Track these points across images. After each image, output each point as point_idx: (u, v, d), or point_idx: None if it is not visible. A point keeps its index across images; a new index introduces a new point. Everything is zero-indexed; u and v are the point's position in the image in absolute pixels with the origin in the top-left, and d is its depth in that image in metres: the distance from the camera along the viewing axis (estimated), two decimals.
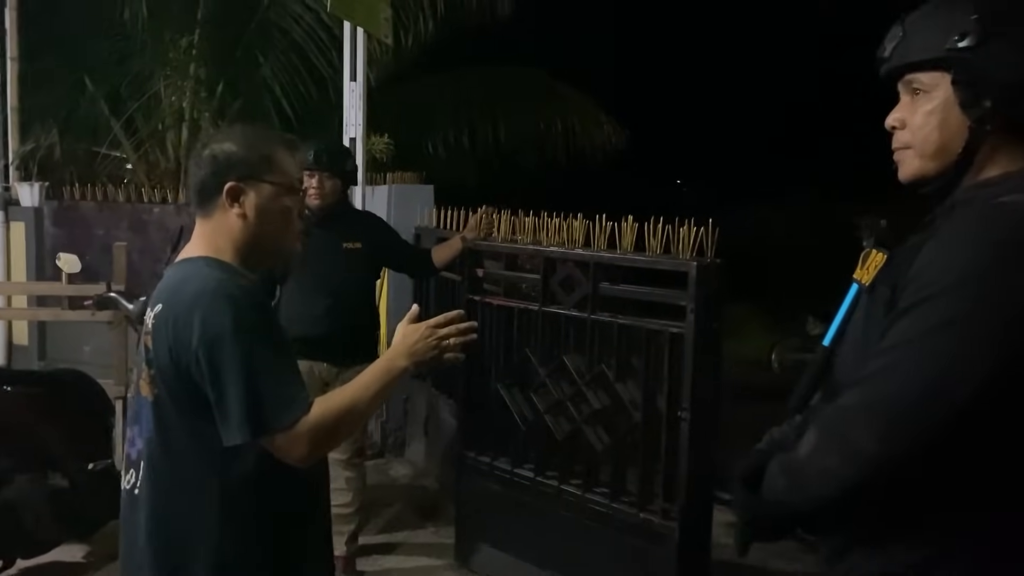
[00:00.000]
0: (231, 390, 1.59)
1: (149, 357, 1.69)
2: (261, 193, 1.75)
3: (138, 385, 1.74)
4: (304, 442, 1.62)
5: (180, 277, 1.72)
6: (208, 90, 7.18)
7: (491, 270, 3.89)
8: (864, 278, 1.49)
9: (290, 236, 1.83)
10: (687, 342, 3.06)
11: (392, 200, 5.38)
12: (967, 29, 1.33)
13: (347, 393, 1.70)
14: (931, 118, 1.39)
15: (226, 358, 1.59)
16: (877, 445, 1.27)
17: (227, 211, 1.75)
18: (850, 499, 1.35)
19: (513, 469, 3.68)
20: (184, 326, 1.62)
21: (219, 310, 1.62)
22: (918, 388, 1.25)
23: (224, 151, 1.76)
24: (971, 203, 1.35)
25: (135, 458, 1.75)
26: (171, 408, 1.67)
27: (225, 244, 1.76)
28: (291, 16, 7.26)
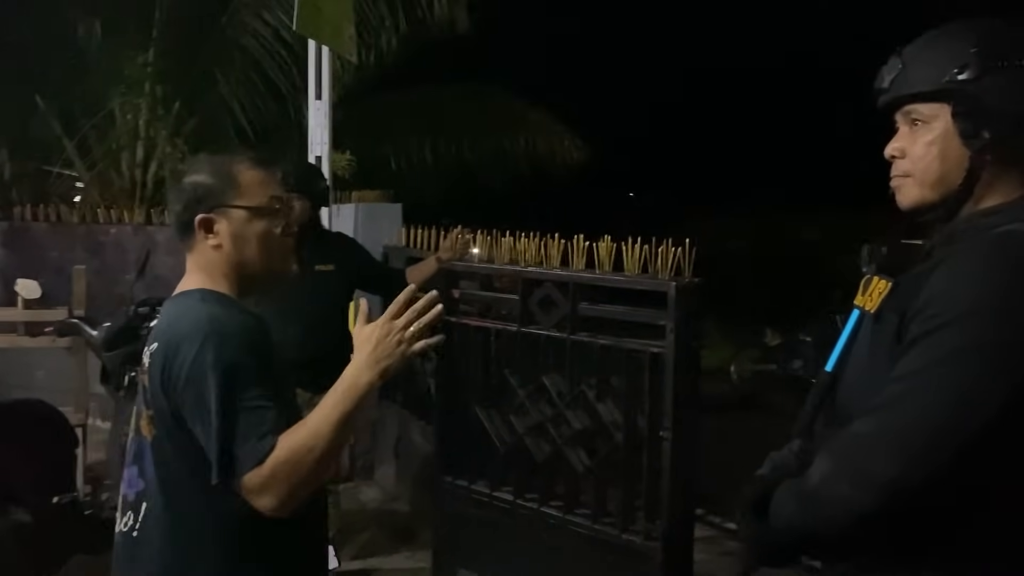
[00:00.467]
0: (208, 431, 1.55)
1: (147, 397, 1.66)
2: (232, 220, 1.71)
3: (138, 424, 1.71)
4: (265, 487, 1.52)
5: (175, 314, 1.69)
6: (165, 108, 7.06)
7: (467, 290, 3.86)
8: (868, 305, 1.50)
9: (276, 258, 1.77)
10: (667, 361, 3.07)
11: (359, 219, 5.33)
12: (967, 61, 1.35)
13: (306, 426, 1.54)
14: (931, 148, 1.41)
15: (206, 399, 1.56)
16: (894, 473, 1.28)
17: (205, 243, 1.72)
18: (864, 526, 1.35)
19: (492, 492, 3.64)
20: (173, 366, 1.60)
21: (205, 349, 1.58)
22: (934, 416, 1.26)
23: (191, 183, 1.73)
24: (973, 232, 1.37)
25: (133, 499, 1.70)
26: (170, 448, 1.64)
27: (215, 274, 1.73)
28: (249, 33, 7.17)
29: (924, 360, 1.28)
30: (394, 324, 1.58)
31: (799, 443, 1.60)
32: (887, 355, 1.37)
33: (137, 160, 7.08)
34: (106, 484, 4.17)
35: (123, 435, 3.87)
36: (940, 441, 1.26)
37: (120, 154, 7.12)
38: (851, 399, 1.48)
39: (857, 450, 1.33)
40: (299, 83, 7.12)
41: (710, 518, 4.49)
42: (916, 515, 1.31)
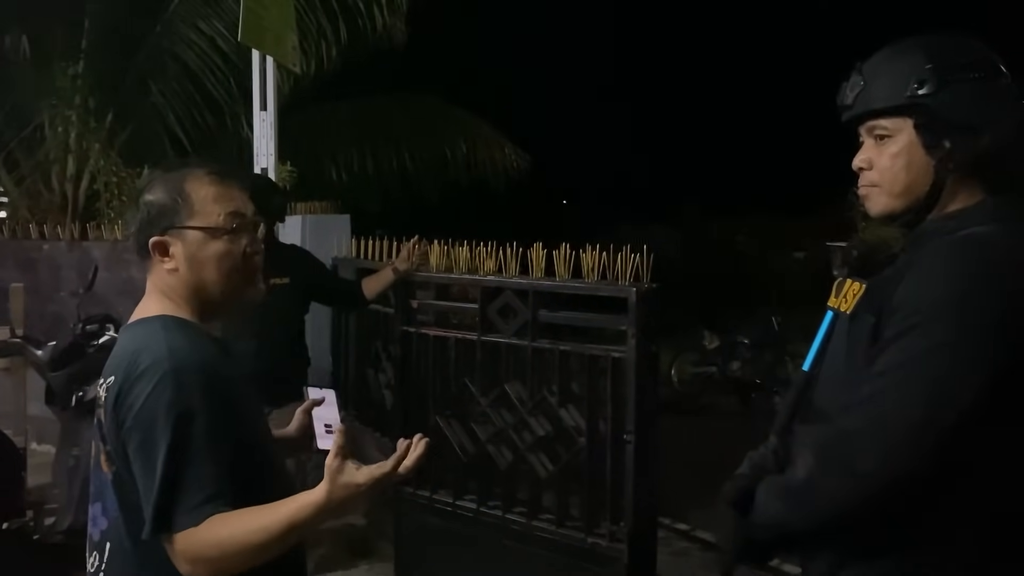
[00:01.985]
0: (149, 480, 1.46)
1: (103, 432, 1.56)
2: (187, 241, 1.59)
3: (98, 460, 1.60)
4: (185, 560, 1.45)
5: (134, 346, 1.56)
6: (96, 120, 6.85)
7: (423, 300, 3.86)
8: (843, 306, 1.57)
9: (238, 281, 1.64)
10: (629, 366, 3.13)
11: (307, 231, 5.26)
12: (924, 77, 1.44)
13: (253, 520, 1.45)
14: (897, 160, 1.50)
15: (152, 444, 1.46)
16: (880, 465, 1.35)
17: (160, 266, 1.61)
18: (848, 519, 1.42)
19: (454, 502, 3.65)
20: (125, 402, 1.50)
21: (160, 389, 1.48)
22: (914, 410, 1.34)
23: (144, 202, 1.61)
24: (939, 234, 1.46)
25: (99, 539, 1.61)
26: (131, 484, 1.52)
27: (175, 298, 1.62)
28: (184, 41, 7.03)
29: (901, 358, 1.36)
30: (368, 484, 1.50)
31: (776, 441, 1.66)
32: (864, 354, 1.44)
33: (68, 174, 6.86)
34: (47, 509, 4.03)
35: (71, 457, 3.76)
36: (920, 435, 1.33)
37: (51, 168, 6.89)
38: (828, 397, 1.54)
39: (841, 445, 1.40)
40: (236, 93, 7.02)
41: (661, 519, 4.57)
42: (901, 503, 1.38)
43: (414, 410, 3.76)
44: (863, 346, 1.46)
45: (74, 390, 3.68)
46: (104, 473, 1.58)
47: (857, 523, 1.42)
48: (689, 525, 4.85)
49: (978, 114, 1.43)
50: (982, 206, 1.46)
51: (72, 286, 5.42)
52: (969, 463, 1.36)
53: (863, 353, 1.45)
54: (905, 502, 1.37)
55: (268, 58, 4.89)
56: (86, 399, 3.63)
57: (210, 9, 6.92)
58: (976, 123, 1.43)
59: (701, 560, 4.43)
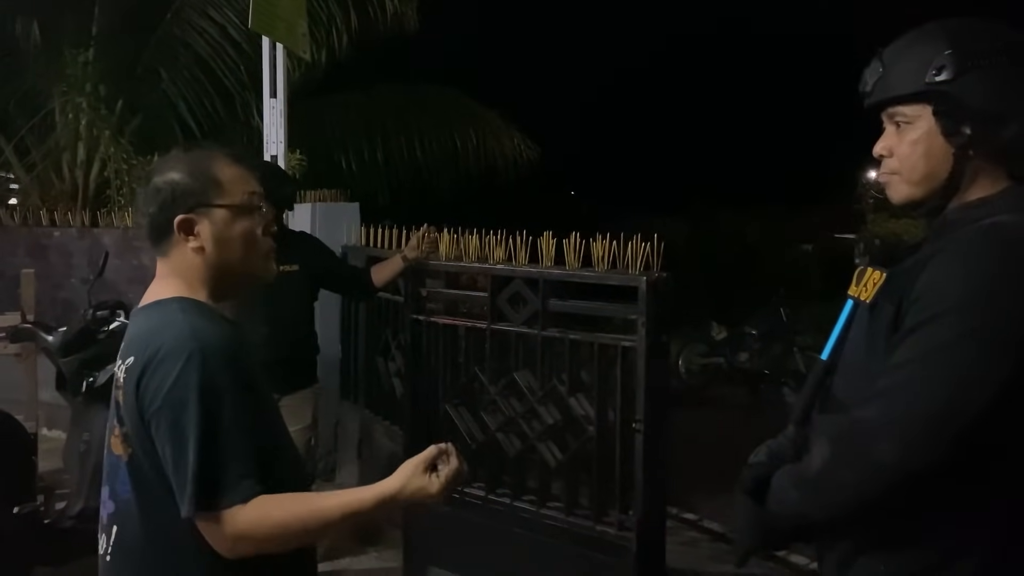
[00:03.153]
0: (183, 458, 1.46)
1: (120, 414, 1.56)
2: (215, 220, 1.61)
3: (110, 442, 1.60)
4: (231, 534, 1.46)
5: (152, 326, 1.57)
6: (107, 107, 6.86)
7: (433, 289, 3.86)
8: (863, 295, 1.55)
9: (258, 258, 1.68)
10: (639, 355, 3.12)
11: (316, 219, 5.26)
12: (943, 63, 1.41)
13: (313, 503, 1.50)
14: (916, 147, 1.47)
15: (184, 423, 1.46)
16: (894, 458, 1.33)
17: (183, 246, 1.61)
18: (867, 510, 1.41)
19: (463, 489, 3.64)
20: (151, 383, 1.50)
21: (189, 368, 1.48)
22: (932, 403, 1.31)
23: (167, 182, 1.61)
24: (961, 225, 1.43)
25: (107, 522, 1.61)
26: (148, 467, 1.53)
27: (193, 281, 1.63)
28: (195, 30, 7.05)
29: (921, 349, 1.34)
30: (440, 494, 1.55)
31: (794, 430, 1.65)
32: (883, 344, 1.42)
33: (79, 161, 6.88)
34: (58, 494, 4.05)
35: (82, 443, 3.78)
36: (938, 426, 1.31)
37: (61, 155, 6.91)
38: (847, 387, 1.52)
39: (858, 436, 1.38)
40: (246, 81, 7.02)
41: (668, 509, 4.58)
42: (918, 495, 1.36)
43: (424, 399, 3.77)
44: (883, 335, 1.43)
45: (85, 376, 3.69)
46: (116, 455, 1.58)
47: (873, 514, 1.41)
48: (697, 515, 4.85)
49: (999, 101, 1.40)
50: (1006, 194, 1.43)
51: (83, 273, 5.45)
52: (988, 456, 1.34)
53: (883, 342, 1.43)
54: (922, 494, 1.36)
55: (278, 46, 4.89)
56: (97, 385, 3.64)
57: None
58: (997, 110, 1.40)
59: (710, 550, 4.43)
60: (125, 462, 1.56)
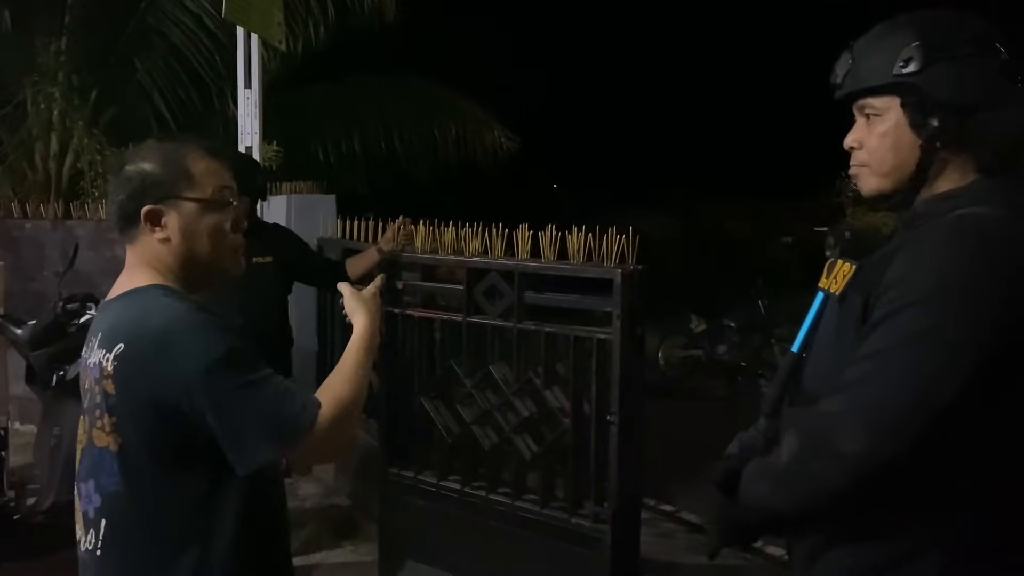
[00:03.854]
0: (243, 413, 1.48)
1: (111, 403, 1.54)
2: (183, 213, 1.62)
3: (91, 435, 1.59)
4: (328, 437, 1.54)
5: (138, 311, 1.57)
6: (80, 97, 6.76)
7: (409, 281, 3.83)
8: (833, 287, 1.55)
9: (226, 254, 1.69)
10: (614, 347, 3.11)
11: (292, 211, 5.23)
12: (911, 55, 1.41)
13: (346, 378, 1.61)
14: (885, 139, 1.47)
15: (226, 384, 1.48)
16: (862, 449, 1.33)
17: (150, 236, 1.62)
18: (835, 502, 1.41)
19: (439, 482, 3.64)
20: (166, 363, 1.49)
21: (202, 338, 1.50)
22: (903, 393, 1.31)
23: (138, 171, 1.62)
24: (932, 216, 1.43)
25: (93, 516, 1.60)
26: (142, 456, 1.54)
27: (162, 269, 1.63)
28: (170, 19, 6.96)
29: (889, 340, 1.34)
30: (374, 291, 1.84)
31: (765, 422, 1.65)
32: (852, 335, 1.42)
33: (52, 152, 6.78)
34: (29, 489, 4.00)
35: (52, 437, 3.73)
36: (906, 418, 1.31)
37: (33, 145, 6.80)
38: (817, 378, 1.52)
39: (826, 428, 1.38)
40: (222, 71, 6.95)
41: (645, 501, 4.59)
42: (885, 488, 1.36)
43: (399, 392, 3.75)
44: (852, 327, 1.44)
45: (55, 369, 3.65)
46: (102, 448, 1.57)
47: (842, 506, 1.41)
48: (674, 507, 4.87)
49: (966, 92, 1.40)
50: (974, 187, 1.43)
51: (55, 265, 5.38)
52: (956, 448, 1.34)
53: (852, 334, 1.43)
54: (891, 486, 1.36)
55: (253, 35, 4.84)
56: (67, 378, 3.60)
57: None
58: (964, 101, 1.40)
59: (686, 542, 4.44)
60: (114, 453, 1.55)
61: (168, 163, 1.63)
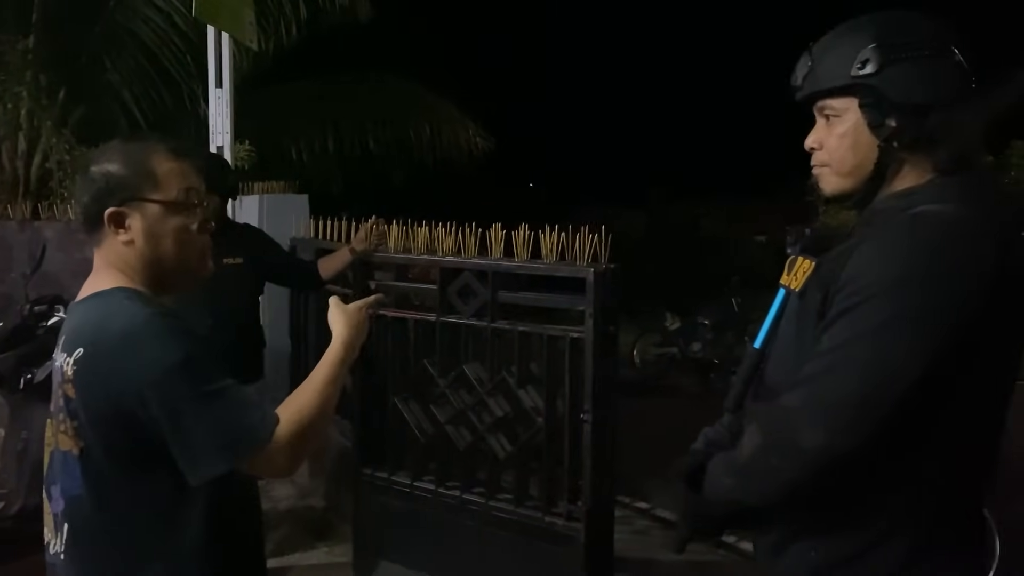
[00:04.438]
0: (197, 423, 1.45)
1: (72, 407, 1.52)
2: (147, 215, 1.59)
3: (57, 438, 1.57)
4: (285, 454, 1.50)
5: (100, 315, 1.54)
6: (48, 96, 6.66)
7: (381, 281, 3.82)
8: (793, 284, 1.57)
9: (193, 256, 1.66)
10: (587, 346, 3.13)
11: (264, 211, 5.19)
12: (868, 56, 1.44)
13: (314, 391, 1.58)
14: (844, 140, 1.50)
15: (182, 392, 1.45)
16: (824, 441, 1.35)
17: (114, 238, 1.59)
18: (797, 495, 1.43)
19: (413, 483, 3.64)
20: (124, 367, 1.47)
21: (161, 344, 1.48)
22: (859, 386, 1.34)
23: (103, 172, 1.58)
24: (890, 213, 1.46)
25: (59, 520, 1.58)
26: (104, 461, 1.51)
27: (129, 272, 1.61)
28: (140, 18, 6.87)
29: (846, 334, 1.36)
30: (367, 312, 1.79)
31: (730, 418, 1.67)
32: (812, 331, 1.44)
33: (20, 151, 6.68)
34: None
35: (20, 441, 3.69)
36: (863, 411, 1.33)
37: (1, 145, 6.70)
38: (779, 374, 1.55)
39: (785, 422, 1.40)
40: (193, 70, 6.88)
41: (620, 498, 4.61)
42: (846, 480, 1.39)
43: (373, 392, 3.74)
44: (811, 322, 1.46)
45: (23, 372, 3.60)
46: (65, 451, 1.55)
47: (804, 499, 1.43)
48: (650, 504, 4.90)
49: (922, 93, 1.42)
50: (930, 185, 1.45)
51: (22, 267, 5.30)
52: (913, 440, 1.37)
53: (811, 329, 1.45)
54: (852, 478, 1.38)
55: (224, 34, 4.80)
56: (35, 381, 3.55)
57: None
58: (919, 102, 1.42)
59: (661, 539, 4.47)
60: (76, 457, 1.53)
61: (132, 164, 1.60)
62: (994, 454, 1.47)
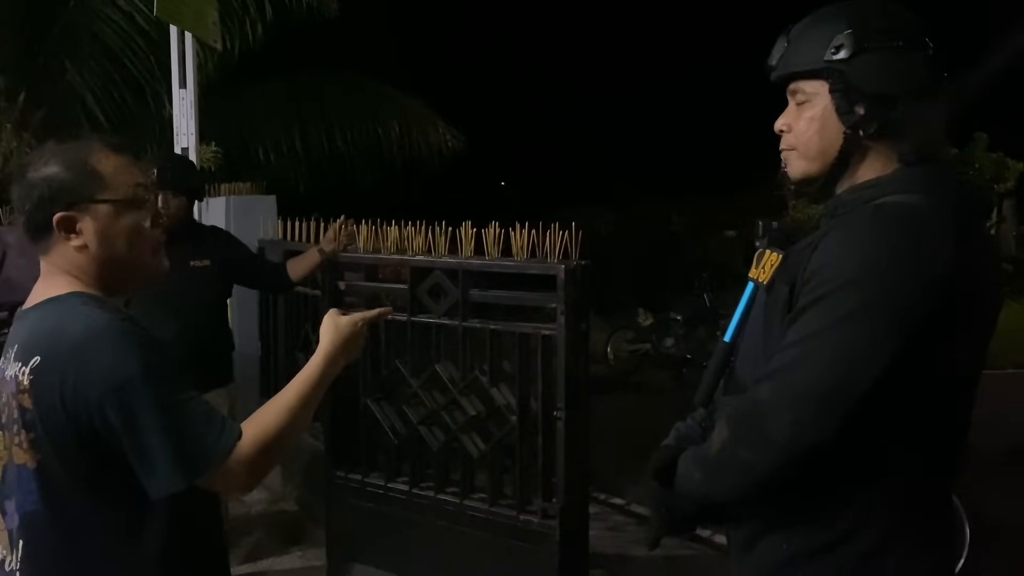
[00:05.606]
0: (153, 436, 1.40)
1: (28, 418, 1.47)
2: (98, 216, 1.51)
3: (11, 451, 1.52)
4: (244, 471, 1.46)
5: (54, 322, 1.48)
6: (8, 99, 6.55)
7: (351, 282, 3.79)
8: (761, 276, 1.57)
9: (147, 253, 1.59)
10: (559, 343, 3.12)
11: (231, 212, 5.12)
12: (842, 42, 1.44)
13: (284, 408, 1.52)
14: (812, 124, 1.50)
15: (140, 403, 1.40)
16: (791, 434, 1.35)
17: (65, 244, 1.52)
18: (766, 488, 1.42)
19: (387, 484, 3.61)
20: (81, 377, 1.42)
21: (119, 353, 1.42)
22: (826, 378, 1.34)
23: (44, 177, 1.51)
24: (854, 204, 1.46)
25: (15, 535, 1.54)
26: (62, 474, 1.46)
27: (81, 276, 1.54)
28: (100, 18, 6.76)
29: (813, 326, 1.36)
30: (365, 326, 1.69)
31: (701, 412, 1.67)
32: (779, 323, 1.44)
33: None
34: None
35: None
36: (829, 402, 1.33)
37: None
38: (748, 367, 1.54)
39: (753, 415, 1.40)
40: (157, 72, 6.79)
41: (595, 495, 4.62)
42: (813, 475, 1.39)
43: (345, 393, 3.70)
44: (778, 315, 1.46)
45: None
46: (20, 465, 1.50)
47: (773, 493, 1.43)
48: (624, 500, 4.91)
49: (892, 83, 1.42)
50: (896, 176, 1.46)
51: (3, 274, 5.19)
52: (880, 430, 1.37)
53: (778, 322, 1.45)
54: (820, 470, 1.38)
55: (187, 34, 4.74)
56: None
57: None
58: (887, 92, 1.42)
59: (636, 534, 4.48)
60: (32, 470, 1.48)
61: (74, 165, 1.52)
62: (962, 442, 1.47)
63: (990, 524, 3.68)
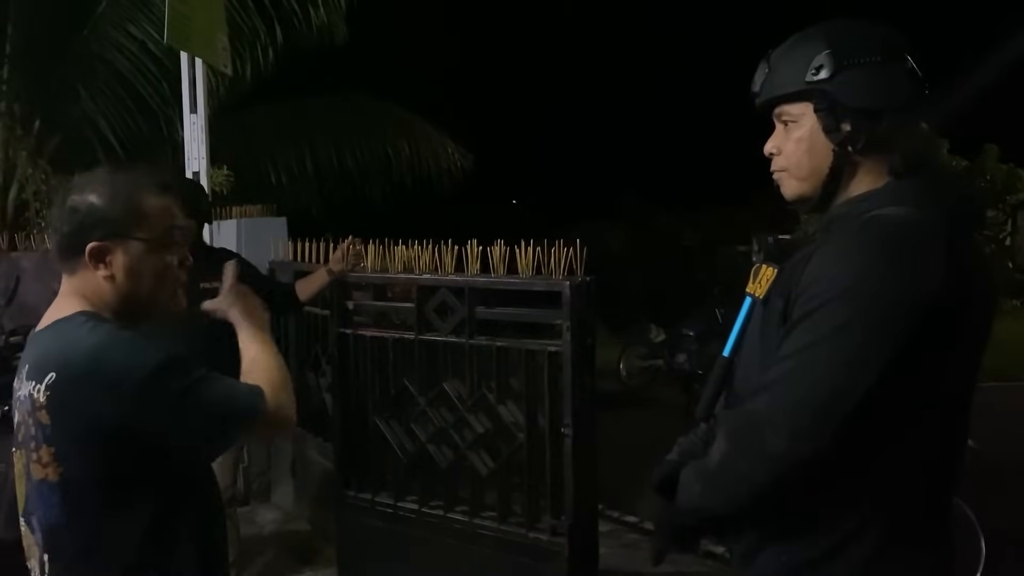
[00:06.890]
0: (199, 410, 1.51)
1: (47, 434, 1.51)
2: (130, 251, 1.57)
3: (28, 469, 1.55)
4: (283, 415, 1.61)
5: (64, 340, 1.53)
6: (23, 127, 6.64)
7: (359, 301, 3.82)
8: (757, 291, 1.59)
9: (168, 292, 1.66)
10: (565, 359, 3.13)
11: (242, 234, 5.18)
12: (822, 62, 1.47)
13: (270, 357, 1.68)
14: (801, 144, 1.53)
15: (173, 389, 1.48)
16: (787, 446, 1.36)
17: (92, 272, 1.57)
18: (764, 501, 1.43)
19: (396, 503, 3.62)
20: (102, 383, 1.46)
21: (133, 353, 1.49)
22: (819, 390, 1.35)
23: (84, 205, 1.56)
24: (847, 218, 1.48)
25: (40, 549, 1.58)
26: (86, 486, 1.51)
27: (97, 303, 1.59)
28: (113, 45, 6.85)
29: (807, 338, 1.37)
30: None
31: (704, 427, 1.68)
32: (775, 336, 1.46)
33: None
34: None
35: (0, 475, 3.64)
36: (824, 414, 1.34)
37: None
38: (746, 381, 1.56)
39: (750, 428, 1.41)
40: (170, 97, 6.87)
41: (608, 512, 4.60)
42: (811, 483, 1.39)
43: (353, 413, 3.72)
44: (774, 329, 1.48)
45: None
46: (38, 480, 1.53)
47: (772, 505, 1.44)
48: (638, 517, 4.88)
49: (875, 98, 1.45)
50: (886, 189, 1.48)
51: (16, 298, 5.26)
52: (876, 442, 1.38)
53: (775, 336, 1.46)
54: (816, 482, 1.39)
55: (198, 60, 4.80)
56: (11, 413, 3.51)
57: (140, 12, 6.74)
58: (871, 106, 1.45)
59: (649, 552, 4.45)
60: (54, 483, 1.52)
61: (119, 199, 1.58)
62: (959, 453, 1.48)
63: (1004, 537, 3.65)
